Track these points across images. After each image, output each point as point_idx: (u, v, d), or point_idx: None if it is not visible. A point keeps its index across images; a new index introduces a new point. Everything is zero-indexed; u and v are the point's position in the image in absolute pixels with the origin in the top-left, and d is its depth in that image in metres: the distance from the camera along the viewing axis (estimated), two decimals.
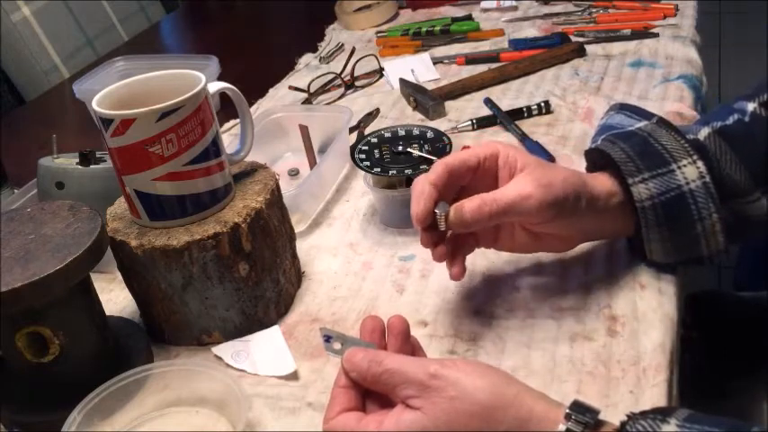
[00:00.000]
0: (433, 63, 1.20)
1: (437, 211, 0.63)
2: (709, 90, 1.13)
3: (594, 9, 1.31)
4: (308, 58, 1.32)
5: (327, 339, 0.57)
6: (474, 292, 0.72)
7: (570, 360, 0.63)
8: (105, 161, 0.80)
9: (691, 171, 0.65)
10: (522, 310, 0.69)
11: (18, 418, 0.64)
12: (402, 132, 0.85)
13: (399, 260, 0.79)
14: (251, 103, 1.06)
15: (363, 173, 0.82)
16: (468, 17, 1.35)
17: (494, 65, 1.16)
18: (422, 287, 0.74)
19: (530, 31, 1.28)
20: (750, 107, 0.69)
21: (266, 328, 0.71)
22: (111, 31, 1.72)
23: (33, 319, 0.60)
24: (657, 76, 1.06)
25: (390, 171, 0.79)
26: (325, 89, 1.16)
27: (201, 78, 0.67)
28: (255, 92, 1.19)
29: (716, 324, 1.35)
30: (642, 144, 0.68)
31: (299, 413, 0.63)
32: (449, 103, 1.07)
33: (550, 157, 0.90)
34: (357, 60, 1.19)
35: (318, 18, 1.48)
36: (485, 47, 1.26)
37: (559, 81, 1.10)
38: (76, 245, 0.61)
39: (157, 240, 0.65)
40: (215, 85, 0.70)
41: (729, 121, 0.69)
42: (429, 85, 1.13)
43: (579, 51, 1.16)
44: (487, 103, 1.05)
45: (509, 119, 1.00)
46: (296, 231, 0.78)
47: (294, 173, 0.97)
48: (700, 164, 0.65)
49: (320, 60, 1.30)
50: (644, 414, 0.49)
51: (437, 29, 1.31)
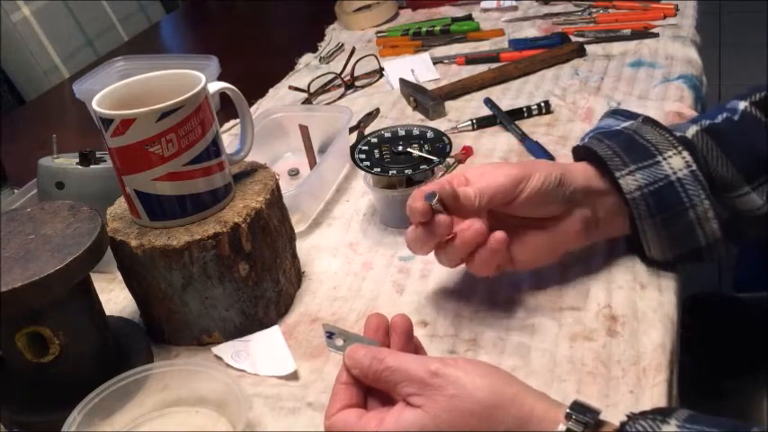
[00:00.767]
0: (433, 63, 1.20)
1: (427, 200, 0.63)
2: (709, 90, 1.13)
3: (594, 9, 1.31)
4: (308, 58, 1.32)
5: (330, 336, 0.57)
6: (474, 292, 0.72)
7: (570, 360, 0.63)
8: (105, 161, 0.80)
9: (677, 161, 0.67)
10: (522, 310, 0.69)
11: (18, 418, 0.64)
12: (402, 132, 0.85)
13: (399, 260, 0.79)
14: (251, 103, 1.06)
15: (363, 173, 0.82)
16: (469, 17, 1.35)
17: (494, 65, 1.16)
18: (422, 287, 0.74)
19: (530, 31, 1.28)
20: (741, 106, 0.70)
21: (266, 328, 0.71)
22: (111, 31, 1.72)
23: (33, 319, 0.60)
24: (657, 76, 1.06)
25: (390, 171, 0.79)
26: (325, 89, 1.16)
27: (201, 78, 0.67)
28: (255, 92, 1.19)
29: (716, 325, 1.35)
30: (628, 140, 0.69)
31: (299, 413, 0.63)
32: (449, 103, 1.07)
33: (550, 157, 0.90)
34: (357, 60, 1.19)
35: (318, 18, 1.48)
36: (485, 47, 1.25)
37: (559, 81, 1.10)
38: (76, 245, 0.61)
39: (157, 240, 0.65)
40: (215, 85, 0.70)
41: (718, 119, 0.70)
42: (429, 85, 1.13)
43: (579, 51, 1.16)
44: (487, 103, 1.05)
45: (509, 119, 1.00)
46: (296, 231, 0.78)
47: (294, 173, 0.97)
48: (685, 154, 0.67)
49: (320, 60, 1.30)
50: (644, 414, 0.49)
51: (437, 29, 1.31)
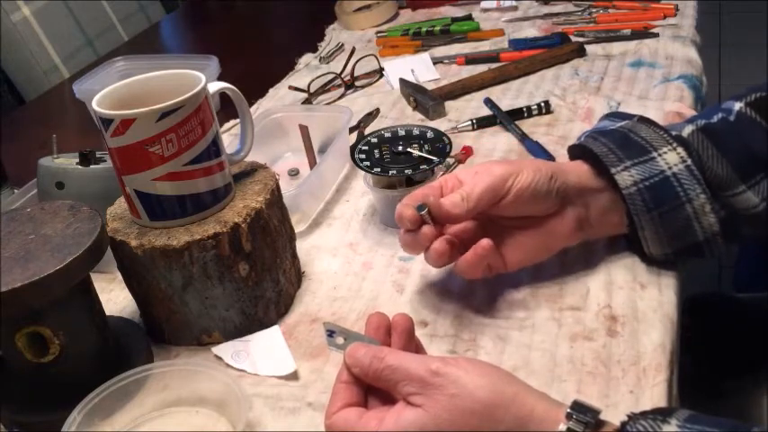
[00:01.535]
0: (433, 63, 1.20)
1: (417, 211, 0.65)
2: (710, 90, 1.13)
3: (594, 9, 1.30)
4: (308, 58, 1.32)
5: (330, 334, 0.57)
6: (474, 292, 0.72)
7: (570, 360, 0.63)
8: (105, 161, 0.80)
9: (671, 156, 0.67)
10: (522, 310, 0.69)
11: (18, 418, 0.64)
12: (402, 132, 0.85)
13: (399, 260, 0.79)
14: (251, 103, 1.06)
15: (363, 173, 0.82)
16: (469, 17, 1.35)
17: (494, 65, 1.15)
18: (422, 287, 0.74)
19: (530, 31, 1.28)
20: (737, 106, 0.70)
21: (266, 328, 0.71)
22: (111, 31, 1.72)
23: (33, 319, 0.60)
24: (657, 76, 1.06)
25: (390, 171, 0.79)
26: (325, 89, 1.16)
27: (201, 78, 0.67)
28: (255, 92, 1.19)
29: (716, 325, 1.35)
30: (622, 138, 0.70)
31: (299, 413, 0.63)
32: (449, 103, 1.07)
33: (550, 157, 0.90)
34: (357, 60, 1.19)
35: (318, 18, 1.48)
36: (485, 47, 1.25)
37: (559, 81, 1.10)
38: (76, 245, 0.61)
39: (157, 240, 0.65)
40: (215, 85, 0.70)
41: (713, 119, 0.71)
42: (429, 85, 1.13)
43: (579, 51, 1.16)
44: (487, 103, 1.05)
45: (509, 119, 1.00)
46: (296, 231, 0.78)
47: (294, 173, 0.97)
48: (680, 149, 0.67)
49: (320, 60, 1.30)
50: (644, 414, 0.49)
51: (437, 29, 1.31)
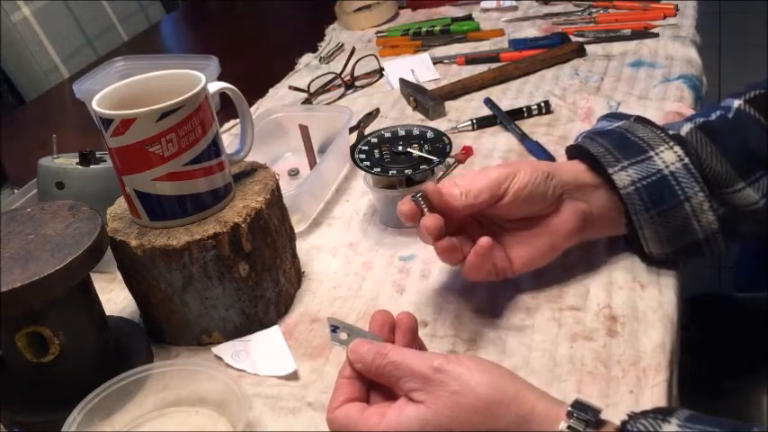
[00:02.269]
0: (433, 63, 1.20)
1: (413, 200, 0.64)
2: (710, 90, 1.13)
3: (594, 9, 1.30)
4: (308, 58, 1.32)
5: (334, 329, 0.57)
6: (474, 292, 0.72)
7: (570, 360, 0.63)
8: (105, 161, 0.80)
9: (668, 155, 0.67)
10: (522, 310, 0.69)
11: (18, 418, 0.64)
12: (402, 132, 0.85)
13: (399, 260, 0.79)
14: (251, 103, 1.06)
15: (363, 173, 0.82)
16: (469, 17, 1.35)
17: (494, 65, 1.15)
18: (422, 287, 0.74)
19: (530, 31, 1.28)
20: (736, 104, 0.71)
21: (266, 328, 0.71)
22: (111, 31, 1.72)
23: (33, 319, 0.60)
24: (657, 76, 1.06)
25: (390, 171, 0.79)
26: (325, 89, 1.16)
27: (201, 78, 0.67)
28: (255, 92, 1.19)
29: (716, 325, 1.35)
30: (619, 138, 0.70)
31: (298, 413, 0.63)
32: (449, 103, 1.07)
33: (550, 157, 0.90)
34: (357, 60, 1.19)
35: (318, 18, 1.48)
36: (485, 47, 1.25)
37: (559, 81, 1.10)
38: (76, 245, 0.61)
39: (157, 240, 0.65)
40: (215, 85, 0.70)
41: (712, 117, 0.71)
42: (429, 85, 1.13)
43: (579, 51, 1.16)
44: (487, 103, 1.05)
45: (509, 119, 1.00)
46: (296, 231, 0.78)
47: (294, 173, 0.97)
48: (677, 148, 0.67)
49: (320, 60, 1.30)
50: (645, 414, 0.49)
51: (437, 29, 1.31)
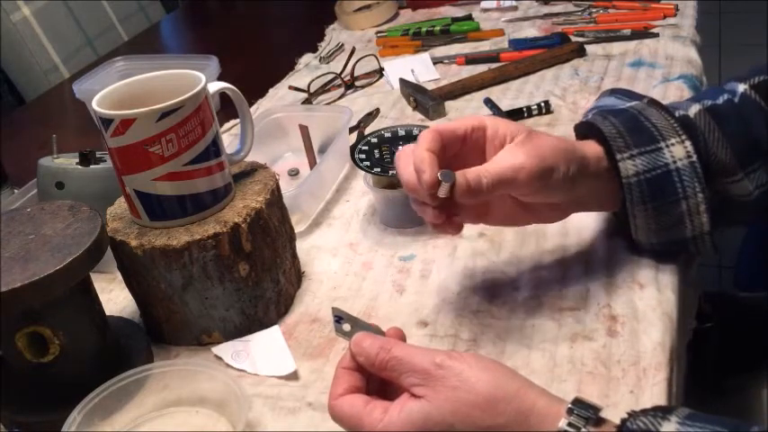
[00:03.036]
0: (433, 63, 1.20)
1: (442, 180, 0.59)
2: None
3: (594, 9, 1.30)
4: (308, 58, 1.32)
5: (338, 320, 0.57)
6: (474, 292, 0.72)
7: (570, 360, 0.63)
8: (105, 161, 0.80)
9: (678, 150, 0.66)
10: (522, 310, 0.69)
11: (18, 418, 0.64)
12: (402, 132, 0.85)
13: (399, 260, 0.79)
14: (251, 103, 1.06)
15: (363, 173, 0.82)
16: (469, 17, 1.35)
17: (494, 65, 1.15)
18: (422, 287, 0.74)
19: (530, 31, 1.28)
20: (741, 88, 0.70)
21: (266, 328, 0.71)
22: (111, 31, 1.72)
23: (33, 319, 0.60)
24: (657, 76, 1.06)
25: (390, 171, 0.79)
26: (325, 89, 1.16)
27: (201, 78, 0.67)
28: (255, 92, 1.19)
29: (716, 324, 1.35)
30: (632, 120, 0.69)
31: (298, 413, 0.63)
32: (449, 103, 1.07)
33: None
34: (357, 60, 1.19)
35: (318, 18, 1.48)
36: (485, 47, 1.25)
37: (559, 81, 1.10)
38: (76, 245, 0.61)
39: (157, 240, 0.65)
40: (215, 85, 0.70)
41: (719, 100, 0.70)
42: (429, 85, 1.13)
43: (579, 51, 1.16)
44: (487, 103, 1.05)
45: (509, 119, 1.00)
46: (296, 231, 0.78)
47: (294, 173, 0.97)
48: (687, 143, 0.66)
49: (320, 60, 1.30)
50: (644, 412, 0.50)
51: (437, 29, 1.31)
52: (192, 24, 1.77)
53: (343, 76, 1.17)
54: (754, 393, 1.04)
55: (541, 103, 1.01)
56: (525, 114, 1.01)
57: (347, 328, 0.57)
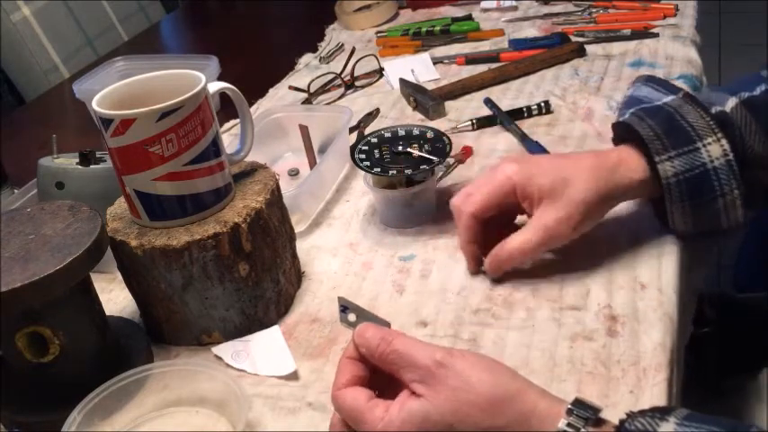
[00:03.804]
0: (433, 63, 1.20)
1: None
2: None
3: (594, 9, 1.30)
4: (308, 58, 1.32)
5: (344, 310, 0.57)
6: (474, 292, 0.72)
7: (570, 360, 0.63)
8: (105, 161, 0.80)
9: (715, 149, 0.68)
10: (523, 310, 0.69)
11: (18, 418, 0.64)
12: (402, 132, 0.85)
13: (399, 260, 0.79)
14: (251, 103, 1.06)
15: (363, 173, 0.82)
16: (469, 17, 1.35)
17: (494, 65, 1.15)
18: (422, 287, 0.74)
19: (530, 31, 1.28)
20: None
21: (266, 328, 0.71)
22: (111, 31, 1.72)
23: (33, 319, 0.60)
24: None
25: (390, 171, 0.79)
26: (325, 89, 1.16)
27: (201, 78, 0.67)
28: (255, 92, 1.19)
29: (716, 325, 1.35)
30: (669, 120, 0.70)
31: (299, 413, 0.63)
32: (449, 103, 1.07)
33: None
34: (357, 60, 1.19)
35: (318, 18, 1.48)
36: (485, 47, 1.25)
37: (559, 81, 1.10)
38: (76, 245, 0.61)
39: (157, 240, 0.65)
40: (215, 85, 0.70)
41: (757, 91, 0.71)
42: (429, 85, 1.13)
43: (579, 51, 1.16)
44: (487, 103, 1.05)
45: (509, 119, 1.00)
46: (296, 231, 0.78)
47: (294, 173, 0.97)
48: (724, 142, 0.68)
49: (320, 60, 1.30)
50: (643, 413, 0.50)
51: (437, 29, 1.31)
52: (192, 24, 1.77)
53: (343, 76, 1.17)
54: (753, 394, 1.04)
55: (541, 103, 1.01)
56: (525, 114, 1.01)
57: (352, 318, 0.57)
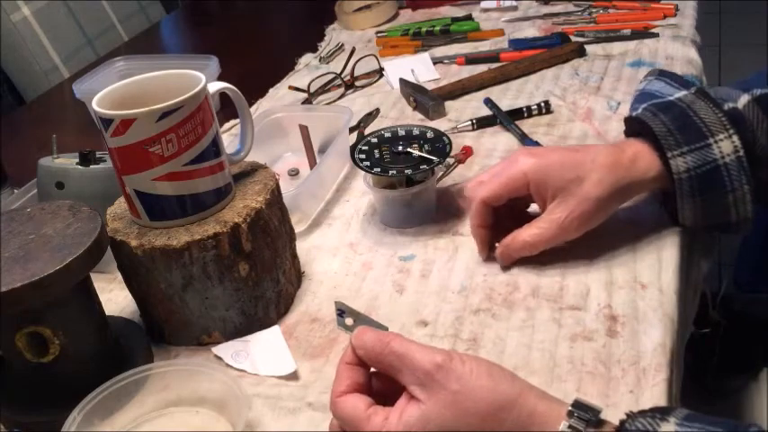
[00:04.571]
0: (433, 63, 1.20)
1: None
2: None
3: (594, 9, 1.30)
4: (308, 58, 1.32)
5: (341, 314, 0.57)
6: (474, 291, 0.72)
7: (570, 360, 0.63)
8: (105, 161, 0.80)
9: (726, 145, 0.69)
10: (523, 310, 0.69)
11: (18, 418, 0.64)
12: (402, 132, 0.85)
13: (399, 260, 0.79)
14: (251, 103, 1.06)
15: (363, 173, 0.82)
16: (469, 17, 1.35)
17: (494, 65, 1.15)
18: (422, 287, 0.74)
19: (530, 31, 1.28)
20: None
21: (266, 328, 0.71)
22: (111, 31, 1.72)
23: (33, 319, 0.60)
24: None
25: (390, 171, 0.79)
26: (325, 89, 1.16)
27: (201, 78, 0.67)
28: (255, 92, 1.19)
29: (716, 324, 1.35)
30: (682, 116, 0.71)
31: (299, 413, 0.63)
32: (449, 103, 1.07)
33: None
34: (357, 60, 1.19)
35: (318, 18, 1.48)
36: (485, 47, 1.25)
37: (559, 81, 1.10)
38: (76, 245, 0.61)
39: (157, 240, 0.65)
40: (215, 85, 0.70)
41: None
42: (429, 85, 1.13)
43: (579, 51, 1.16)
44: (487, 103, 1.05)
45: (509, 119, 1.00)
46: (296, 231, 0.78)
47: (294, 173, 0.97)
48: (735, 138, 0.69)
49: (320, 60, 1.30)
50: (643, 413, 0.50)
51: (437, 29, 1.31)
52: (192, 24, 1.77)
53: (343, 76, 1.17)
54: (753, 394, 1.04)
55: (541, 103, 1.01)
56: (525, 114, 1.01)
57: (349, 322, 0.57)
